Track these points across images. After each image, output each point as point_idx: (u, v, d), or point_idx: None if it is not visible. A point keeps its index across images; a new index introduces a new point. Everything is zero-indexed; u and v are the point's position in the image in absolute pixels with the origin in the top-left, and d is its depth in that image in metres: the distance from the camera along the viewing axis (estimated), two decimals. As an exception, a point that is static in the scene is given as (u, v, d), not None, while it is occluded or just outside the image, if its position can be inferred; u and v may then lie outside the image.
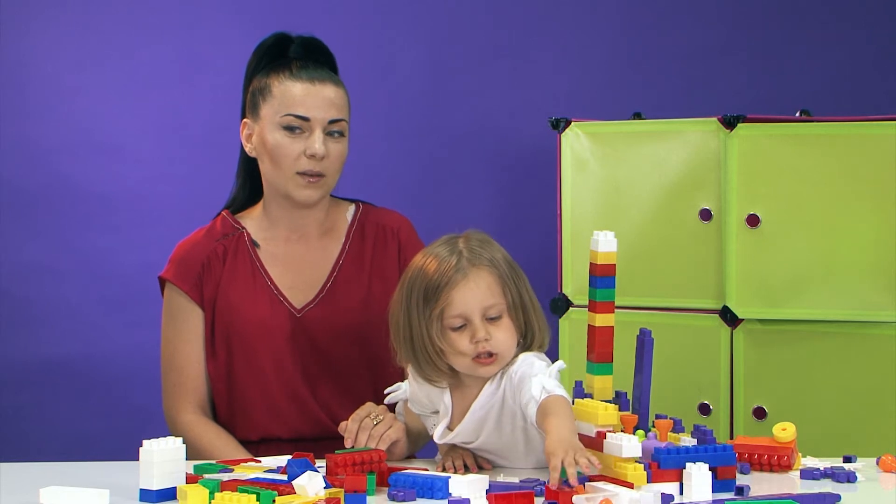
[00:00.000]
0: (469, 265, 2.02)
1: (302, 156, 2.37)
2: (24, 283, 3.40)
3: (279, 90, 2.39)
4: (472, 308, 2.00)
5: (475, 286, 2.01)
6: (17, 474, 2.05)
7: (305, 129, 2.38)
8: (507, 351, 2.02)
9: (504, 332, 2.02)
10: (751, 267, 2.89)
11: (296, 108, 2.37)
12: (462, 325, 2.01)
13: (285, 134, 2.38)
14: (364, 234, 2.49)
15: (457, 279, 2.00)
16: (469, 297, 2.00)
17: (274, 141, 2.38)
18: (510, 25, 3.54)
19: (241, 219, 2.50)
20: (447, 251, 2.04)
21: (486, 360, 2.01)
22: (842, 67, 3.49)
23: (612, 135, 3.06)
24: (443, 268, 2.01)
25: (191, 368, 2.43)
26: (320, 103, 2.38)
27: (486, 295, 2.01)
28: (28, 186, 3.40)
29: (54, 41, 3.41)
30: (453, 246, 2.05)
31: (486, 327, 2.00)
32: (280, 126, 2.38)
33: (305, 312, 2.42)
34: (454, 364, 2.03)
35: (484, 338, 2.00)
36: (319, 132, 2.37)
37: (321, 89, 2.39)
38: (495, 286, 2.02)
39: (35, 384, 3.41)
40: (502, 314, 2.02)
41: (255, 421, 2.41)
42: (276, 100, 2.39)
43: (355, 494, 1.81)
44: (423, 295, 2.02)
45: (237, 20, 3.44)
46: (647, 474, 1.84)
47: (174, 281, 2.44)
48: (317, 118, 2.37)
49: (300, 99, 2.38)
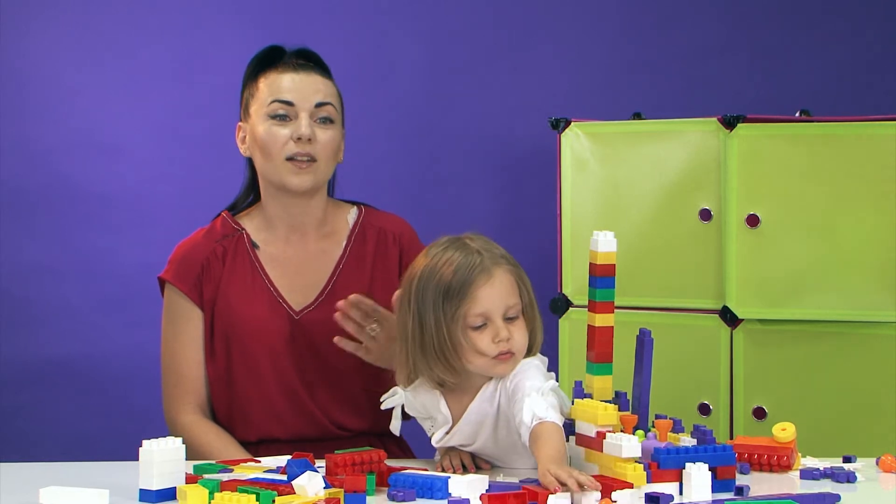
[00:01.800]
0: (492, 264, 2.01)
1: (290, 140, 2.39)
2: (24, 283, 3.40)
3: (265, 84, 2.42)
4: (495, 307, 2.00)
5: (499, 285, 2.01)
6: (17, 474, 2.05)
7: (292, 115, 2.40)
8: (522, 350, 2.03)
9: (521, 331, 2.02)
10: (751, 267, 2.89)
11: (280, 95, 2.40)
12: (482, 325, 2.00)
13: (273, 122, 2.40)
14: (365, 238, 2.49)
15: (481, 279, 2.00)
16: (493, 296, 2.00)
17: (263, 131, 2.40)
18: (510, 25, 3.53)
19: (241, 220, 2.50)
20: (464, 251, 2.02)
21: (506, 357, 2.01)
22: (842, 67, 3.49)
23: (612, 135, 3.06)
24: (465, 267, 2.00)
25: (190, 369, 2.43)
26: (305, 89, 2.40)
27: (508, 294, 2.02)
28: (28, 186, 3.40)
29: (54, 41, 3.41)
30: (467, 246, 2.03)
31: (507, 326, 2.01)
32: (267, 116, 2.40)
33: (304, 315, 2.42)
34: (470, 363, 2.01)
35: (506, 337, 2.00)
36: (306, 116, 2.39)
37: (306, 77, 2.42)
38: (514, 286, 2.03)
39: (35, 384, 3.41)
40: (519, 314, 2.03)
41: (254, 422, 2.41)
42: (262, 93, 2.42)
43: (355, 494, 1.81)
44: (442, 294, 2.00)
45: (237, 20, 3.44)
46: (647, 474, 1.84)
47: (174, 281, 2.44)
48: (302, 102, 2.39)
49: (284, 86, 2.40)
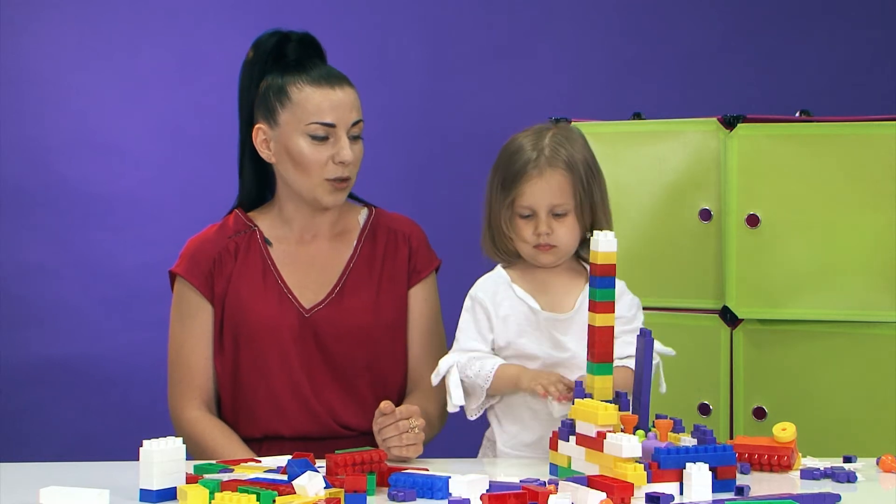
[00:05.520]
0: (546, 165, 2.20)
1: (330, 162, 2.38)
2: (24, 283, 3.40)
3: (299, 97, 2.39)
4: (540, 204, 2.20)
5: (546, 185, 2.20)
6: (17, 474, 2.05)
7: (331, 135, 2.38)
8: (566, 245, 2.23)
9: (566, 228, 2.21)
10: (751, 267, 2.89)
11: (321, 116, 2.37)
12: (529, 215, 2.21)
13: (312, 142, 2.38)
14: (376, 238, 2.49)
15: (532, 175, 2.20)
16: (539, 193, 2.20)
17: (299, 149, 2.38)
18: (510, 25, 3.54)
19: (254, 217, 2.50)
20: (531, 144, 2.22)
21: (545, 249, 2.21)
22: (842, 67, 3.49)
23: (612, 135, 3.06)
24: (521, 161, 2.21)
25: (197, 364, 2.43)
26: (343, 108, 2.39)
27: (555, 194, 2.20)
28: (28, 186, 3.41)
29: (54, 41, 3.41)
30: (539, 139, 2.22)
31: (550, 222, 2.20)
32: (305, 134, 2.38)
33: (314, 313, 2.42)
34: (518, 247, 2.24)
35: (545, 232, 2.20)
36: (345, 138, 2.38)
37: (340, 93, 2.39)
38: (567, 187, 2.20)
39: (35, 384, 3.41)
40: (568, 213, 2.21)
41: (259, 418, 2.41)
42: (298, 107, 2.38)
43: (355, 494, 1.82)
44: (500, 180, 2.23)
45: (236, 20, 3.44)
46: (647, 474, 1.84)
47: (185, 276, 2.43)
48: (341, 124, 2.38)
49: (324, 106, 2.38)
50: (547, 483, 1.87)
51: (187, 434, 2.35)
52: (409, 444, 2.15)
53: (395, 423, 2.15)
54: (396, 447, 2.13)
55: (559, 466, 2.00)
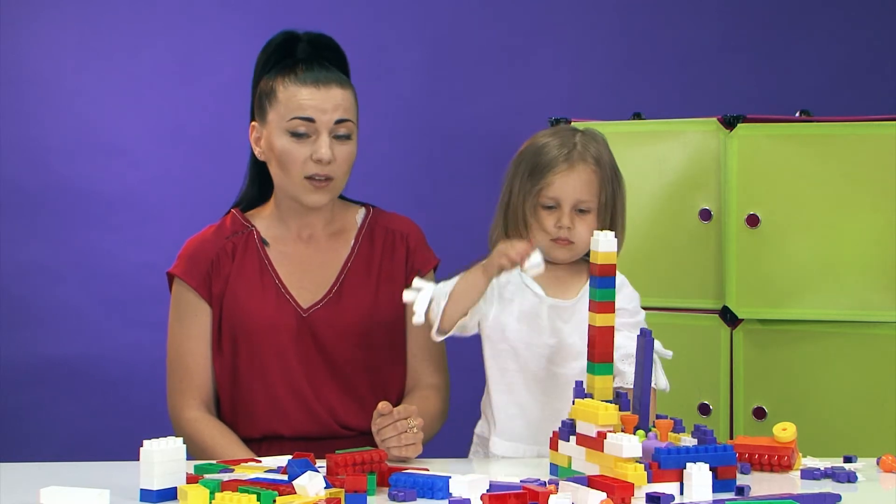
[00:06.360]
0: (578, 159, 2.24)
1: (309, 160, 2.37)
2: (24, 283, 3.40)
3: (284, 95, 2.39)
4: (566, 197, 2.23)
5: (576, 178, 2.23)
6: (17, 474, 2.05)
7: (311, 132, 2.37)
8: (583, 244, 2.23)
9: (587, 226, 2.23)
10: (751, 267, 2.89)
11: (301, 111, 2.37)
12: (553, 207, 2.23)
13: (291, 139, 2.38)
14: (373, 238, 2.49)
15: (562, 167, 2.23)
16: (567, 186, 2.22)
17: (281, 146, 2.38)
18: (510, 25, 3.54)
19: (251, 217, 2.50)
20: (563, 139, 2.26)
21: (563, 243, 2.24)
22: (842, 67, 3.49)
23: (612, 135, 3.03)
24: (554, 153, 2.24)
25: (196, 365, 2.43)
26: (325, 105, 2.37)
27: (582, 189, 2.23)
28: (28, 186, 3.41)
29: (54, 41, 3.41)
30: (570, 136, 2.27)
31: (573, 217, 2.23)
32: (286, 131, 2.38)
33: (312, 312, 2.42)
34: (534, 237, 2.24)
35: (567, 225, 2.23)
36: (325, 135, 2.37)
37: (326, 91, 2.38)
38: (594, 184, 2.24)
39: (35, 384, 3.41)
40: (591, 210, 2.24)
41: (258, 419, 2.41)
42: (282, 105, 2.38)
43: (355, 494, 1.82)
44: (529, 170, 2.25)
45: (237, 20, 3.44)
46: (648, 474, 1.84)
47: (183, 277, 2.43)
48: (322, 120, 2.37)
49: (305, 102, 2.37)
50: (547, 483, 1.87)
51: (187, 434, 2.35)
52: (407, 444, 2.14)
53: (394, 424, 2.15)
54: (395, 447, 2.13)
55: (559, 466, 2.00)
